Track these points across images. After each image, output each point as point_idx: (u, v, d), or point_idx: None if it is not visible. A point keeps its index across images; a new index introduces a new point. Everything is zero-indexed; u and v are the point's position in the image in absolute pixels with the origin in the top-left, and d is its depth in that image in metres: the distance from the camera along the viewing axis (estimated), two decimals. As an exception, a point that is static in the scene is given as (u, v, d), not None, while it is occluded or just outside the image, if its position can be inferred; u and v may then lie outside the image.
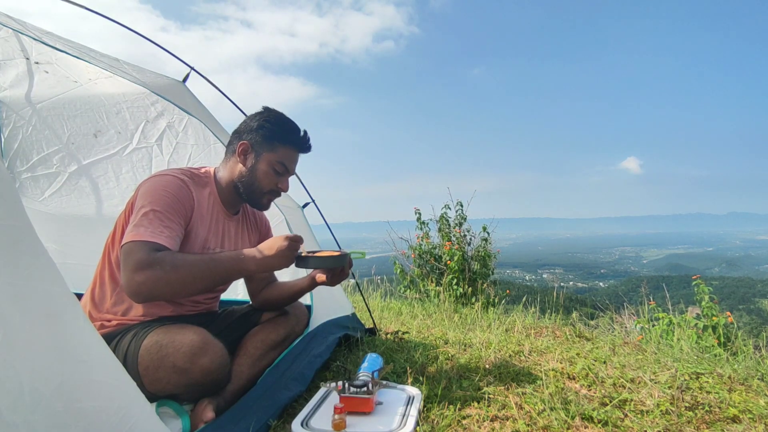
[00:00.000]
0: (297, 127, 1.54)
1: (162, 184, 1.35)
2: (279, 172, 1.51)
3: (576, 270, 74.23)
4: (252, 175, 1.49)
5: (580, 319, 3.37)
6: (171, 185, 1.35)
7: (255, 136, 1.49)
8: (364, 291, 4.49)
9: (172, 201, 1.32)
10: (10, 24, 1.72)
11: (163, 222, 1.27)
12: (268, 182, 1.50)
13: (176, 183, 1.37)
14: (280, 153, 1.49)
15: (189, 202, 1.39)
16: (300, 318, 1.73)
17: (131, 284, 1.14)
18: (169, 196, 1.32)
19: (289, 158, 1.51)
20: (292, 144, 1.52)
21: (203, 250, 1.45)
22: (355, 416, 1.32)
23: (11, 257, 0.74)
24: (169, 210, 1.30)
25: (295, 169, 1.57)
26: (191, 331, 1.25)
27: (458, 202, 5.23)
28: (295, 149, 1.54)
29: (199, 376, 1.21)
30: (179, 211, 1.34)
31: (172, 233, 1.28)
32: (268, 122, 1.50)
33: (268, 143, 1.49)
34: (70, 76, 2.18)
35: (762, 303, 17.25)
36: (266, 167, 1.49)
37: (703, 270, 74.05)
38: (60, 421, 0.75)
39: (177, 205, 1.33)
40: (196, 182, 1.47)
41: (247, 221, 1.69)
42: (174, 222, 1.30)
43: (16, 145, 2.34)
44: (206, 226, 1.47)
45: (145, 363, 1.22)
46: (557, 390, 1.56)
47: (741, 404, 1.49)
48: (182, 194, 1.37)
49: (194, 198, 1.41)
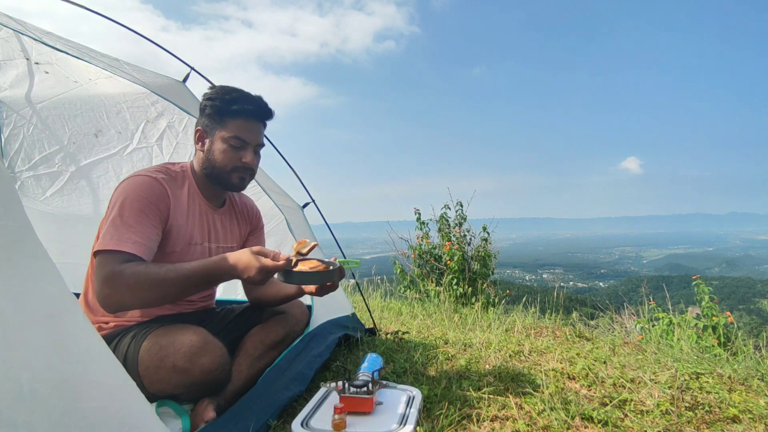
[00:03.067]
0: (244, 94, 1.45)
1: (132, 187, 1.32)
2: (236, 146, 1.43)
3: (576, 270, 74.21)
4: (211, 158, 1.45)
5: (580, 319, 3.37)
6: (142, 187, 1.32)
7: (204, 120, 1.45)
8: (364, 291, 4.49)
9: (143, 204, 1.29)
10: (10, 24, 1.71)
11: (131, 228, 1.24)
12: (227, 160, 1.43)
13: (148, 183, 1.34)
14: (231, 126, 1.43)
15: (163, 201, 1.35)
16: (300, 318, 1.73)
17: (100, 297, 1.14)
18: (140, 199, 1.29)
19: (242, 129, 1.43)
20: (240, 114, 1.43)
21: (189, 245, 1.44)
22: (355, 416, 1.32)
23: (11, 257, 0.74)
24: (138, 214, 1.27)
25: (257, 138, 1.48)
26: (191, 331, 1.25)
27: (458, 202, 5.24)
28: (246, 118, 1.44)
29: (199, 376, 1.21)
30: (151, 213, 1.30)
31: (143, 238, 1.25)
32: (210, 99, 1.44)
33: (217, 121, 1.43)
34: (70, 76, 2.18)
35: (762, 303, 17.24)
36: (221, 145, 1.43)
37: (703, 270, 74.03)
38: (60, 421, 0.75)
39: (148, 207, 1.30)
40: (173, 178, 1.44)
41: (235, 213, 1.66)
42: (145, 225, 1.27)
43: (16, 145, 2.34)
44: (189, 221, 1.44)
45: (145, 364, 1.22)
46: (557, 390, 1.56)
47: (741, 404, 1.49)
48: (154, 194, 1.33)
49: (169, 195, 1.38)
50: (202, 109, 1.46)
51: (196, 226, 1.47)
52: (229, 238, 1.61)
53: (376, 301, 4.02)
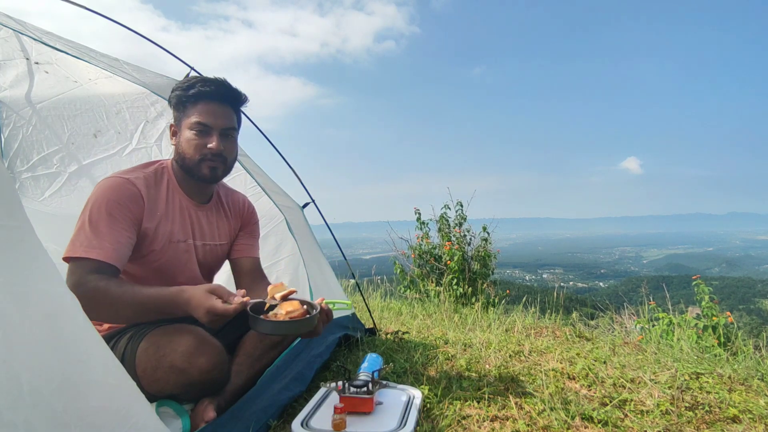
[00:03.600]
0: (203, 78, 1.42)
1: (102, 191, 1.30)
2: (200, 131, 1.39)
3: (576, 270, 74.20)
4: (180, 151, 1.42)
5: (580, 319, 3.37)
6: (112, 190, 1.30)
7: (173, 113, 1.45)
8: (364, 291, 4.49)
9: (112, 207, 1.28)
10: (10, 24, 1.71)
11: (100, 233, 1.23)
12: (194, 149, 1.39)
13: (118, 185, 1.32)
14: (192, 112, 1.39)
15: (135, 203, 1.33)
16: None
17: None
18: (109, 202, 1.28)
19: (204, 113, 1.39)
20: (199, 98, 1.39)
21: (170, 243, 1.43)
22: (355, 416, 1.32)
23: (11, 257, 0.74)
24: (108, 218, 1.26)
25: (222, 121, 1.41)
26: (188, 332, 1.25)
27: (458, 202, 5.23)
28: (206, 101, 1.39)
29: (197, 375, 1.21)
30: (121, 216, 1.29)
31: (112, 243, 1.24)
32: (174, 91, 1.41)
33: (181, 111, 1.41)
34: (70, 76, 2.18)
35: (762, 303, 17.25)
36: (187, 134, 1.40)
37: (703, 270, 74.04)
38: (60, 421, 0.75)
39: (118, 210, 1.29)
40: (149, 177, 1.42)
41: (223, 209, 1.64)
42: (114, 229, 1.26)
43: (16, 145, 2.34)
44: (168, 220, 1.43)
45: (143, 365, 1.22)
46: (557, 390, 1.56)
47: (741, 404, 1.49)
48: (125, 196, 1.31)
49: (143, 196, 1.35)
50: (169, 101, 1.45)
51: (176, 223, 1.45)
52: (217, 235, 1.59)
53: (376, 301, 4.02)
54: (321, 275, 2.22)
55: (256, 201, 2.40)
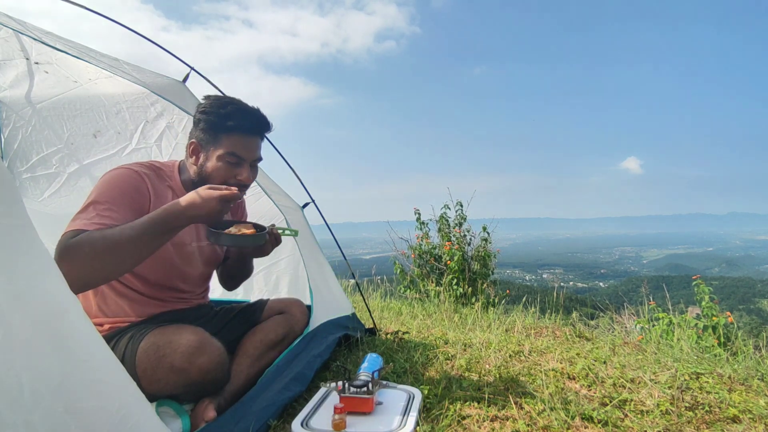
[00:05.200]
0: (240, 107, 1.39)
1: (111, 178, 1.29)
2: (232, 162, 1.37)
3: (576, 270, 74.20)
4: (204, 174, 1.40)
5: (580, 319, 3.36)
6: (121, 178, 1.30)
7: (199, 133, 1.40)
8: (364, 291, 4.49)
9: (119, 194, 1.26)
10: (10, 24, 1.71)
11: (101, 213, 1.19)
12: (221, 178, 1.37)
13: (128, 175, 1.31)
14: (226, 143, 1.37)
15: (143, 194, 1.31)
16: (299, 318, 1.73)
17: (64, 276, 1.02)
18: (116, 188, 1.26)
19: (239, 146, 1.37)
20: (236, 130, 1.37)
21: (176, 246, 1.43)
22: (355, 416, 1.32)
23: (11, 257, 0.73)
24: (111, 201, 1.23)
25: (254, 154, 1.41)
26: (188, 331, 1.25)
27: (458, 202, 5.23)
28: (243, 134, 1.38)
29: (197, 375, 1.21)
30: (126, 204, 1.26)
31: (115, 220, 1.19)
32: (205, 114, 1.38)
33: (212, 136, 1.38)
34: (70, 76, 2.17)
35: (762, 303, 17.24)
36: (215, 163, 1.37)
37: (703, 270, 74.02)
38: (60, 421, 0.75)
39: (124, 197, 1.26)
40: (158, 175, 1.41)
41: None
42: (117, 212, 1.22)
43: (15, 145, 2.34)
44: None
45: (143, 365, 1.22)
46: (557, 390, 1.56)
47: (741, 404, 1.49)
48: (133, 187, 1.30)
49: (150, 190, 1.34)
50: (197, 122, 1.40)
51: None
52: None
53: (376, 301, 4.02)
54: (321, 275, 2.22)
55: (256, 201, 2.40)
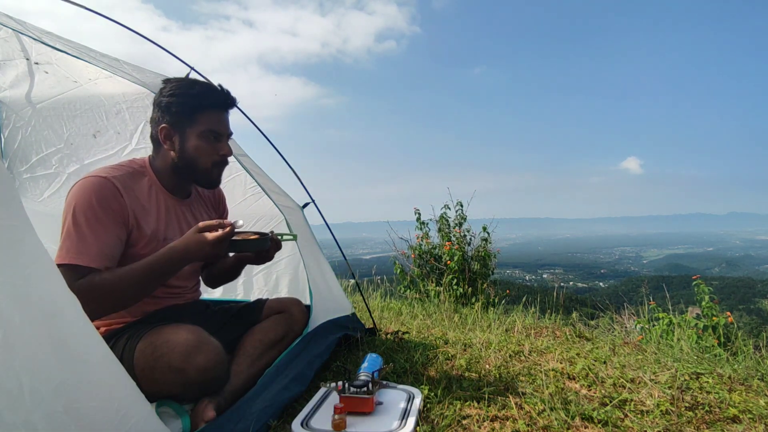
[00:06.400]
0: (208, 86, 1.42)
1: (82, 192, 1.28)
2: (212, 139, 1.41)
3: (576, 270, 74.18)
4: (186, 157, 1.41)
5: (580, 319, 3.36)
6: (92, 190, 1.28)
7: (170, 116, 1.40)
8: (364, 291, 4.49)
9: (95, 210, 1.26)
10: (10, 24, 1.71)
11: (85, 238, 1.21)
12: (206, 155, 1.40)
13: (98, 185, 1.29)
14: (202, 121, 1.39)
15: (117, 201, 1.31)
16: (298, 317, 1.73)
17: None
18: (91, 205, 1.26)
19: (214, 122, 1.41)
20: (210, 107, 1.40)
21: (161, 242, 1.41)
22: (355, 416, 1.33)
23: (11, 257, 0.74)
24: (94, 222, 1.24)
25: (228, 128, 1.46)
26: (186, 330, 1.25)
27: (458, 202, 5.23)
28: (216, 110, 1.42)
29: (195, 375, 1.21)
30: (106, 217, 1.27)
31: (100, 247, 1.23)
32: (176, 96, 1.39)
33: (186, 117, 1.39)
34: (70, 76, 2.17)
35: (762, 303, 17.23)
36: (196, 142, 1.39)
37: (703, 270, 74.04)
38: (60, 421, 0.75)
39: (103, 211, 1.27)
40: (130, 176, 1.40)
41: (203, 202, 1.64)
42: (100, 233, 1.25)
43: (15, 145, 2.34)
44: (154, 217, 1.41)
45: (140, 365, 1.22)
46: (557, 390, 1.56)
47: (741, 404, 1.49)
48: (106, 197, 1.29)
49: (124, 195, 1.33)
50: (166, 106, 1.40)
51: (162, 221, 1.44)
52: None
53: (376, 301, 4.01)
54: (321, 275, 2.22)
55: (256, 201, 2.40)
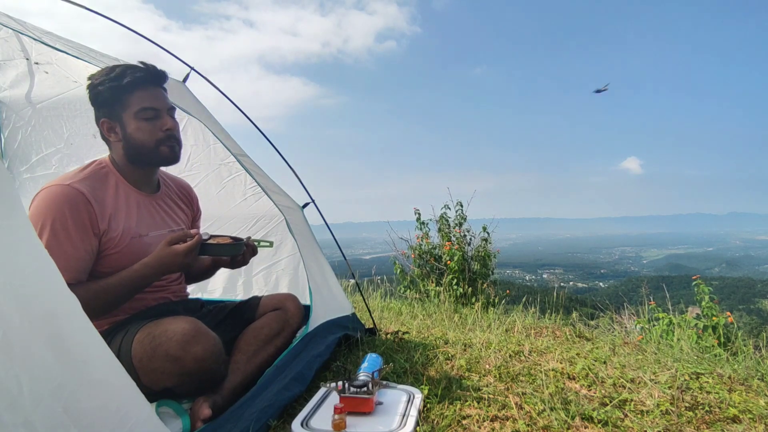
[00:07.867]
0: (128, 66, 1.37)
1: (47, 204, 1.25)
2: (150, 117, 1.37)
3: (576, 270, 74.14)
4: (132, 142, 1.38)
5: (580, 319, 3.36)
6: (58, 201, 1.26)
7: (104, 108, 1.38)
8: (364, 291, 4.49)
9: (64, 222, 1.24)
10: (10, 24, 1.71)
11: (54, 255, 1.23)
12: (148, 134, 1.37)
13: (63, 195, 1.27)
14: (133, 101, 1.36)
15: (85, 208, 1.29)
16: (294, 312, 1.71)
17: None
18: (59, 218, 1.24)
19: (146, 98, 1.37)
20: (136, 85, 1.36)
21: (133, 240, 1.39)
22: (355, 416, 1.33)
23: (11, 257, 0.74)
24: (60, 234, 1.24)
25: (165, 102, 1.41)
26: (183, 321, 1.26)
27: (458, 202, 5.23)
28: (144, 87, 1.37)
29: (192, 364, 1.21)
30: (74, 227, 1.26)
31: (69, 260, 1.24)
32: (100, 86, 1.36)
33: (117, 103, 1.36)
34: (70, 76, 2.17)
35: (762, 303, 17.23)
36: (135, 123, 1.36)
37: (703, 270, 74.01)
38: (60, 421, 0.75)
39: (70, 221, 1.25)
40: (96, 179, 1.38)
41: (173, 196, 1.63)
42: (69, 245, 1.25)
43: (15, 145, 2.34)
44: (124, 216, 1.39)
45: (138, 355, 1.23)
46: (557, 390, 1.56)
47: (741, 404, 1.49)
48: (71, 205, 1.27)
49: (89, 199, 1.30)
50: (96, 100, 1.38)
51: (133, 218, 1.42)
52: (175, 222, 1.58)
53: (376, 301, 4.01)
54: (321, 275, 2.22)
55: (256, 201, 2.40)
